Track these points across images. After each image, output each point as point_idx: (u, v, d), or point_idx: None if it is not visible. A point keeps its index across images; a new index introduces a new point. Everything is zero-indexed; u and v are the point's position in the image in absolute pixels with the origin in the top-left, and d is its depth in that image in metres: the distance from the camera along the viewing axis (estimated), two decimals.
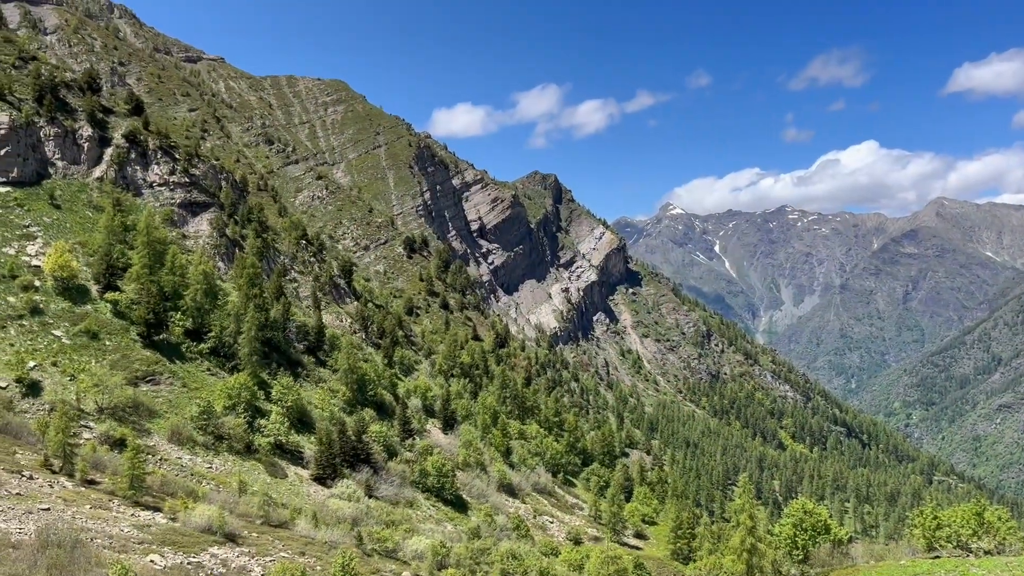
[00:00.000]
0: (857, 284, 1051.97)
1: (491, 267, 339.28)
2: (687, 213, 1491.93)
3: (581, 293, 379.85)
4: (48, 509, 36.01)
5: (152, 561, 33.20)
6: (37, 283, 74.30)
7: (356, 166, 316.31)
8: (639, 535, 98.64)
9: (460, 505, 79.95)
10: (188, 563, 34.73)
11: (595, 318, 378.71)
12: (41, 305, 71.30)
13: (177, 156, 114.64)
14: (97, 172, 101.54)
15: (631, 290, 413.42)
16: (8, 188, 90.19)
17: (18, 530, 31.58)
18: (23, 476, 40.81)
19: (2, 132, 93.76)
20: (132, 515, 40.36)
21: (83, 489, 42.45)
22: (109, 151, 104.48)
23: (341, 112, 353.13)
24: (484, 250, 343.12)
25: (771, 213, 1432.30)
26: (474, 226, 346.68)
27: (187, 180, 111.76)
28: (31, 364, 61.83)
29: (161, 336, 74.92)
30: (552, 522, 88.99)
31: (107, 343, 70.43)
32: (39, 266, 76.98)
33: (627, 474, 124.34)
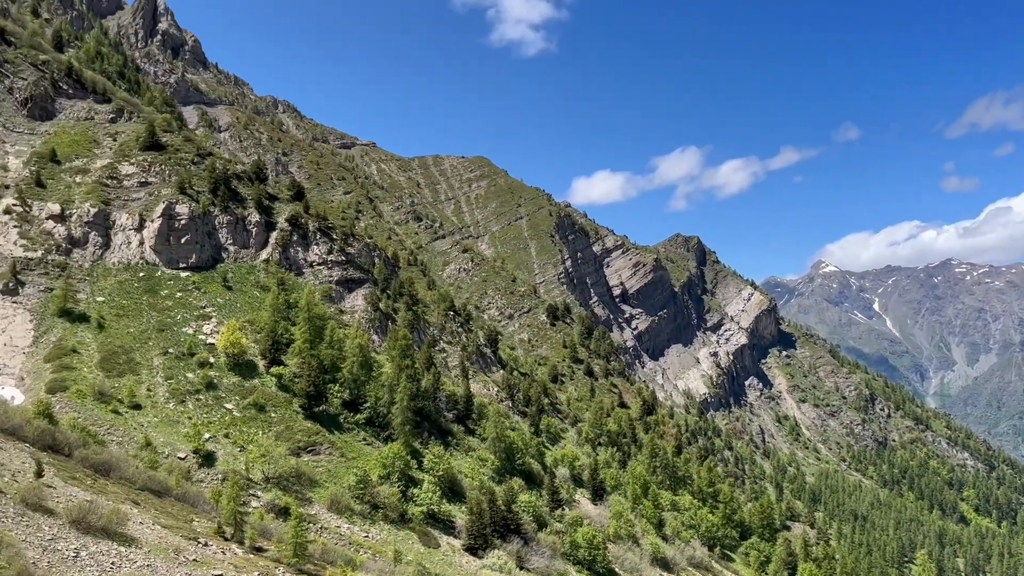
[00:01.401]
0: None
1: (635, 332, 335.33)
2: (841, 270, 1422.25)
3: (731, 357, 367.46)
4: (222, 575, 37.95)
5: None
6: (212, 360, 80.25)
7: (499, 238, 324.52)
8: None
9: None
10: None
11: (747, 383, 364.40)
12: (215, 380, 76.76)
13: (334, 236, 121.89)
14: (264, 254, 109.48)
15: (784, 353, 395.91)
16: (188, 273, 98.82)
17: None
18: (199, 543, 43.35)
19: (183, 222, 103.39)
20: None
21: (252, 556, 44.54)
22: (274, 235, 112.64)
23: (484, 187, 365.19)
24: (627, 315, 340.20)
25: (935, 267, 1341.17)
26: (616, 292, 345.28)
27: (343, 258, 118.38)
28: (206, 436, 66.34)
29: (321, 407, 78.58)
30: None
31: (272, 415, 74.61)
32: (213, 344, 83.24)
33: (790, 549, 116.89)
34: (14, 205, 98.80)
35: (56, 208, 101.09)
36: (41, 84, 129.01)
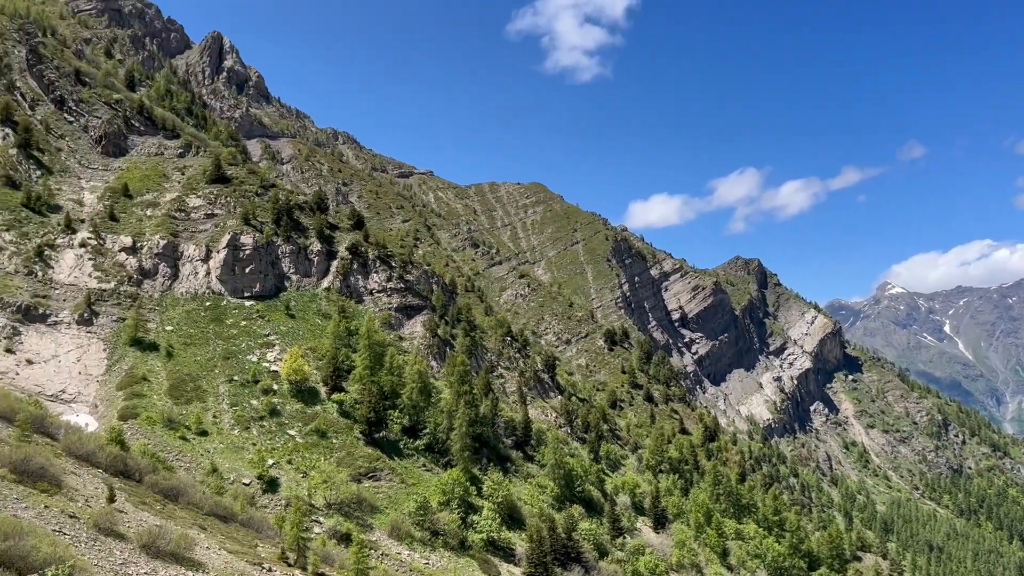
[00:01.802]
0: None
1: (695, 357, 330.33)
2: (909, 292, 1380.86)
3: (795, 382, 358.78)
4: None
5: None
6: (275, 387, 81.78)
7: (556, 263, 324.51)
8: None
9: None
10: None
11: (812, 408, 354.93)
12: (279, 407, 78.14)
13: (393, 264, 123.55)
14: (325, 283, 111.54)
15: (851, 377, 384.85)
16: (252, 301, 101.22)
17: None
18: (263, 568, 43.89)
19: (247, 252, 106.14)
20: None
21: None
22: (335, 263, 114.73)
23: (540, 212, 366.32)
24: (687, 340, 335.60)
25: (1010, 287, 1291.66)
26: (675, 316, 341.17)
27: (402, 286, 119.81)
28: (270, 462, 67.44)
29: (381, 433, 79.26)
30: None
31: (334, 441, 75.50)
32: (277, 371, 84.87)
33: None
34: (89, 238, 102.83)
35: (128, 241, 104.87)
36: (114, 122, 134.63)
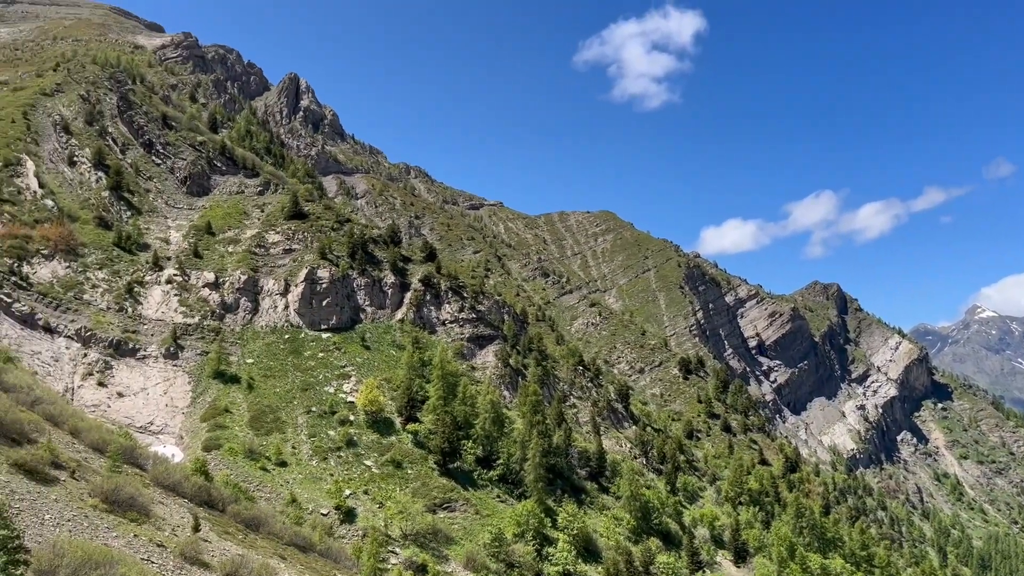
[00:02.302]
0: None
1: (773, 385, 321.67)
2: (1001, 315, 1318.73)
3: (879, 410, 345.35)
4: None
5: None
6: (351, 417, 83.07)
7: (627, 291, 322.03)
8: None
9: None
10: None
11: (899, 437, 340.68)
12: (355, 437, 79.27)
13: (465, 295, 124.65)
14: (399, 314, 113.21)
15: (940, 405, 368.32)
16: (329, 334, 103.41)
17: None
18: None
19: (324, 285, 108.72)
20: None
21: None
22: (408, 295, 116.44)
23: (610, 240, 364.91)
24: (764, 368, 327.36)
25: None
26: (752, 343, 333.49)
27: (474, 316, 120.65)
28: (347, 492, 68.32)
29: (455, 464, 79.46)
30: None
31: (409, 471, 76.05)
32: (353, 402, 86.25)
33: None
34: (175, 275, 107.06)
35: (211, 276, 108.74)
36: (198, 163, 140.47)
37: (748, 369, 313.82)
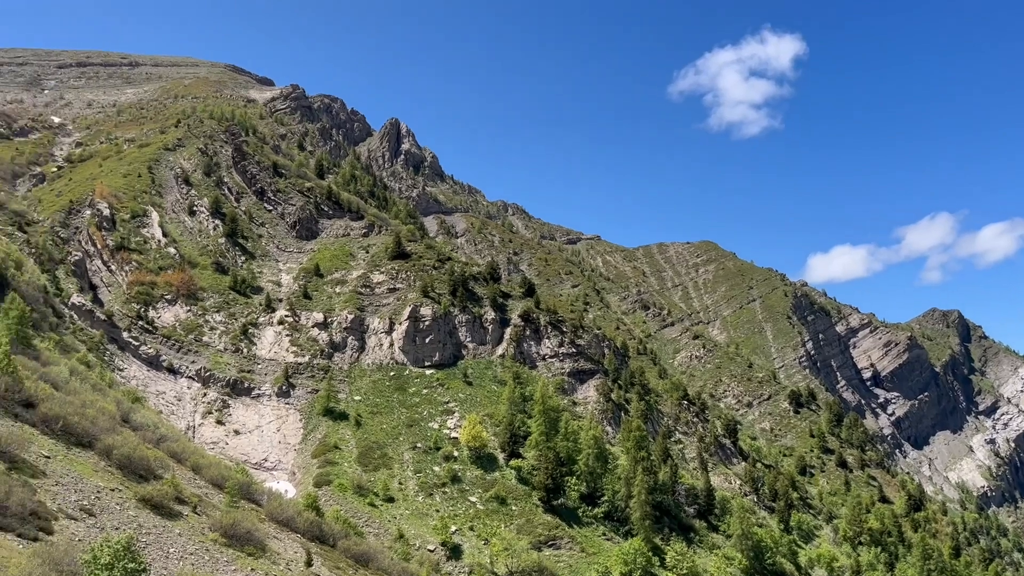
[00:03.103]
0: None
1: (891, 418, 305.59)
2: None
3: (1012, 445, 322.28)
4: None
5: None
6: (455, 453, 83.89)
7: (731, 322, 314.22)
8: None
9: None
10: None
11: None
12: (459, 473, 79.91)
13: (564, 329, 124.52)
14: (499, 350, 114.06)
15: None
16: (432, 370, 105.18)
17: None
18: None
19: (427, 323, 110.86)
20: None
21: None
22: (508, 330, 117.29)
23: (712, 271, 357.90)
24: (881, 400, 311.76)
25: None
26: (866, 374, 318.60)
27: (574, 350, 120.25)
28: (453, 528, 68.78)
29: (559, 501, 78.83)
30: None
31: (513, 508, 75.93)
32: (456, 437, 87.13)
33: None
34: (286, 316, 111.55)
35: (320, 317, 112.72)
36: (306, 208, 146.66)
37: (863, 401, 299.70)
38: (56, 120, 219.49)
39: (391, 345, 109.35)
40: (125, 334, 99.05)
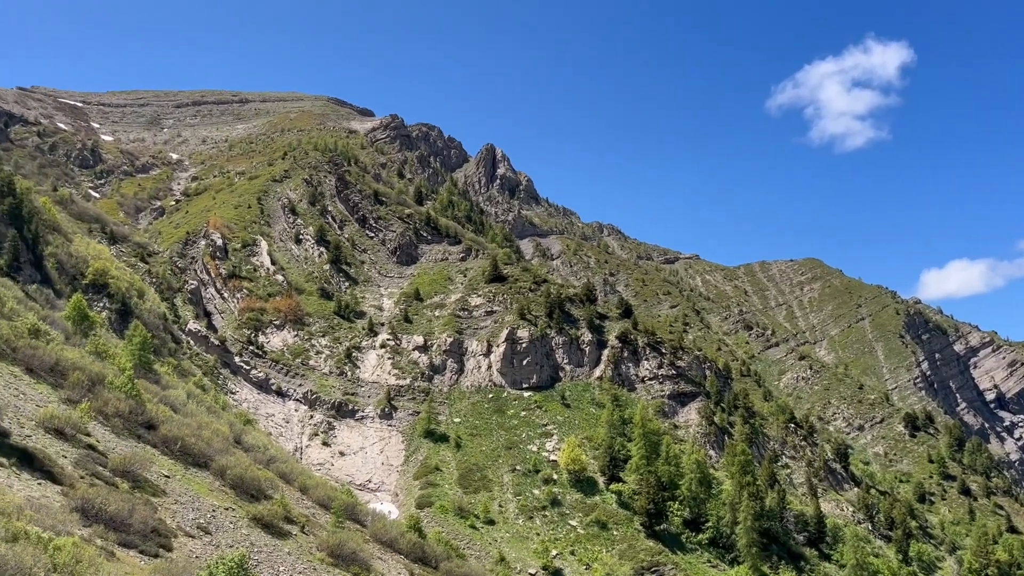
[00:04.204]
0: None
1: (1019, 443, 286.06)
2: None
3: None
4: None
5: None
6: (555, 476, 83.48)
7: (839, 342, 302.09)
8: None
9: None
10: None
11: None
12: (559, 496, 79.44)
13: (663, 351, 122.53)
14: (597, 372, 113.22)
15: None
16: (530, 392, 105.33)
17: None
18: None
19: (524, 345, 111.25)
20: None
21: None
22: (605, 352, 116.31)
23: (818, 289, 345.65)
24: (1007, 423, 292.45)
25: None
26: (989, 396, 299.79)
27: (674, 372, 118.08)
28: (553, 552, 68.33)
29: (662, 526, 77.23)
30: None
31: (615, 533, 74.84)
32: (555, 460, 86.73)
33: None
34: (388, 340, 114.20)
35: (420, 340, 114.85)
36: (406, 234, 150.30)
37: (987, 425, 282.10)
38: (174, 156, 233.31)
39: (489, 367, 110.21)
40: (237, 358, 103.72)
